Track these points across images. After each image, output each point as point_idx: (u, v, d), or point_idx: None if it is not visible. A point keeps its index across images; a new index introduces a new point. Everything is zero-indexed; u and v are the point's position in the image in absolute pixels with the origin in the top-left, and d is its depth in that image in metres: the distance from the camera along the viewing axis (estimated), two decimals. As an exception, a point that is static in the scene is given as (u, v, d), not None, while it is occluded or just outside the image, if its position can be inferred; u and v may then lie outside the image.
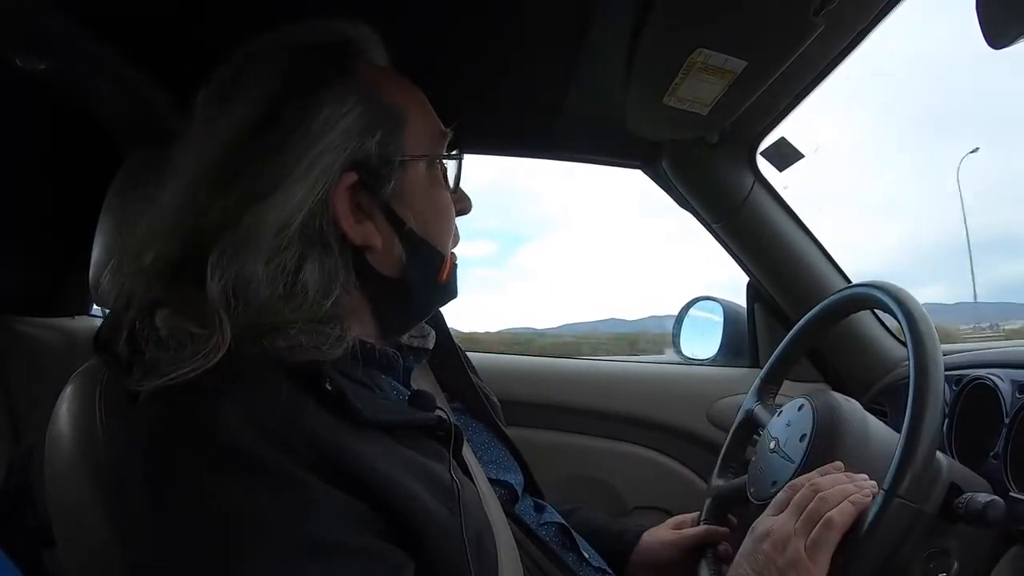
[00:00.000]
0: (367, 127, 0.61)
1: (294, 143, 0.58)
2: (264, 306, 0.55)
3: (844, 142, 7.44)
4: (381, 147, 0.62)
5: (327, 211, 0.59)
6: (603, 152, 1.38)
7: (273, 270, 0.56)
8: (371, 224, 0.62)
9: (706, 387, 1.43)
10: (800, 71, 0.98)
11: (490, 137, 1.31)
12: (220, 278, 0.55)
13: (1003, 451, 0.83)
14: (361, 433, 0.54)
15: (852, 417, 0.78)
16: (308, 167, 0.57)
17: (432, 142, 0.68)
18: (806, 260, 1.32)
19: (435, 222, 0.67)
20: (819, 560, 0.63)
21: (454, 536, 0.55)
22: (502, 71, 1.10)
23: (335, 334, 0.57)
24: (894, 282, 0.80)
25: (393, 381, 0.67)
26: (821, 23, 0.78)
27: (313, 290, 0.57)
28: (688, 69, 0.90)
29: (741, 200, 1.29)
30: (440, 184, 0.68)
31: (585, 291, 6.17)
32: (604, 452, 1.41)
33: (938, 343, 0.71)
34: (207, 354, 0.51)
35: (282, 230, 0.56)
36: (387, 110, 0.63)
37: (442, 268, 0.67)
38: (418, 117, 0.67)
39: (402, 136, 0.64)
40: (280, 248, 0.56)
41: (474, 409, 0.83)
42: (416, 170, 0.65)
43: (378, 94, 0.63)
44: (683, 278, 21.57)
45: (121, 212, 0.82)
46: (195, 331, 0.52)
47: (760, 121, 1.17)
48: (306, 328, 0.55)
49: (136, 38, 0.96)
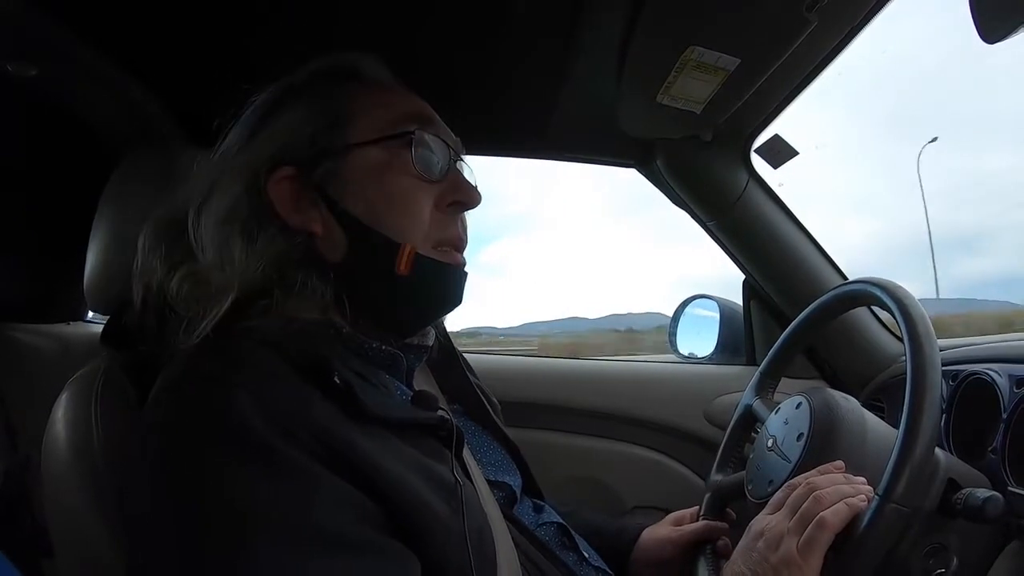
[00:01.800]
0: (301, 123, 0.67)
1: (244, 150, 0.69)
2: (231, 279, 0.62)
3: (808, 139, 7.57)
4: (317, 137, 0.67)
5: (263, 201, 0.65)
6: (597, 151, 1.38)
7: (222, 251, 0.63)
8: (315, 211, 0.66)
9: (703, 386, 1.43)
10: (793, 68, 0.98)
11: (483, 137, 1.30)
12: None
13: (1001, 446, 0.83)
14: (366, 429, 0.55)
15: (849, 416, 0.77)
16: (241, 165, 0.66)
17: (389, 127, 0.67)
18: (801, 257, 1.32)
19: (387, 209, 0.66)
20: (810, 560, 0.63)
21: (455, 534, 0.56)
22: (494, 71, 1.10)
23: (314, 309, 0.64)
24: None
25: (396, 381, 0.68)
26: (814, 19, 0.78)
27: (259, 267, 0.63)
28: (681, 67, 0.90)
29: (736, 198, 1.29)
30: (401, 170, 0.67)
31: (547, 291, 6.15)
32: (602, 452, 1.42)
33: (935, 340, 0.71)
34: (217, 306, 0.59)
35: (225, 211, 0.64)
36: (331, 105, 0.68)
37: (397, 258, 0.65)
38: (375, 111, 0.68)
39: (346, 126, 0.67)
40: (227, 233, 0.64)
41: (473, 411, 0.83)
42: (362, 156, 0.66)
43: (330, 101, 0.69)
44: (643, 279, 21.68)
45: (114, 218, 0.82)
46: (211, 276, 0.61)
47: (754, 119, 1.17)
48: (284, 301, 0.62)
49: (128, 46, 0.95)
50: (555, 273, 17.67)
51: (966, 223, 21.77)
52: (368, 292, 0.66)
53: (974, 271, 18.88)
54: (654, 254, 20.66)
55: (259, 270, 0.62)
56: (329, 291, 0.64)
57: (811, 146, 1.28)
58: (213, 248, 0.63)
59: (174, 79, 1.04)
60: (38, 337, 1.34)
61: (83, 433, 0.64)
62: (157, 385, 0.58)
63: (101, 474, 0.62)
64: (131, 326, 0.65)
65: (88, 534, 0.61)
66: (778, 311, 1.40)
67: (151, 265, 0.64)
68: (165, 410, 0.56)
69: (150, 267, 0.64)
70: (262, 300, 0.62)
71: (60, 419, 0.66)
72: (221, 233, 0.63)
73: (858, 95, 11.92)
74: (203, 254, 0.63)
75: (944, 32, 10.07)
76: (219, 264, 0.62)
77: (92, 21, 0.89)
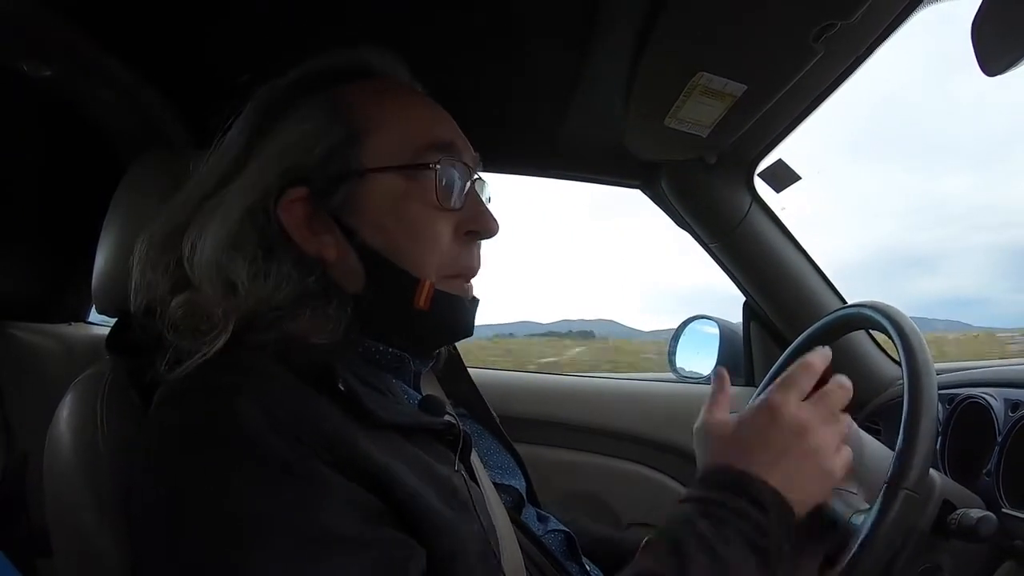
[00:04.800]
0: (313, 135, 0.62)
1: (249, 163, 0.63)
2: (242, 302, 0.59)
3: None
4: (329, 159, 0.62)
5: (271, 223, 0.62)
6: (602, 171, 1.39)
7: (225, 282, 0.59)
8: (329, 237, 0.63)
9: (701, 405, 1.43)
10: (798, 96, 1.00)
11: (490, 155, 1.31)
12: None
13: (996, 468, 0.84)
14: (373, 434, 0.55)
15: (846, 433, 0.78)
16: (247, 182, 0.62)
17: (410, 154, 0.64)
18: (802, 280, 1.34)
19: (405, 239, 0.63)
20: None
21: (462, 539, 0.55)
22: (503, 90, 1.12)
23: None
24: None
25: (403, 384, 0.67)
26: (820, 49, 0.79)
27: (271, 301, 0.59)
28: (689, 92, 0.92)
29: (738, 220, 1.30)
30: (421, 199, 0.63)
31: (501, 294, 6.21)
32: (599, 469, 1.42)
33: (932, 363, 0.72)
34: (217, 335, 0.56)
35: (229, 237, 0.60)
36: (345, 123, 0.63)
37: (416, 292, 0.62)
38: (393, 129, 0.64)
39: (360, 148, 0.63)
40: (231, 260, 0.59)
41: (479, 415, 0.83)
42: (380, 183, 0.63)
43: (343, 109, 0.64)
44: (595, 284, 21.67)
45: (125, 220, 0.82)
46: (210, 310, 0.57)
47: (758, 143, 1.19)
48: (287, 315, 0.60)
49: (141, 49, 0.97)
50: (509, 277, 17.47)
51: (921, 243, 22.06)
52: (383, 321, 0.64)
53: (926, 290, 18.97)
54: (614, 261, 20.92)
55: (270, 304, 0.59)
56: (344, 320, 0.61)
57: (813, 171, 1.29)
58: (215, 277, 0.59)
59: (186, 83, 1.05)
60: (40, 337, 1.33)
61: (88, 434, 0.63)
62: (162, 393, 0.57)
63: (105, 475, 0.61)
64: (134, 338, 0.62)
65: (90, 535, 0.60)
66: (777, 333, 1.41)
67: (153, 279, 0.62)
68: (169, 420, 0.55)
69: (152, 281, 0.62)
70: (271, 314, 0.59)
71: (65, 419, 0.65)
72: (224, 260, 0.59)
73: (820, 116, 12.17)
74: (202, 283, 0.59)
75: (908, 56, 10.24)
76: (220, 297, 0.58)
77: (105, 22, 0.90)
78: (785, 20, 0.76)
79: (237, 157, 0.64)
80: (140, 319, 0.61)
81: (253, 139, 0.65)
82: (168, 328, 0.57)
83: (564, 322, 4.31)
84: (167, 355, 0.56)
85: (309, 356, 0.57)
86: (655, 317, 17.49)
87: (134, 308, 0.63)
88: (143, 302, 0.62)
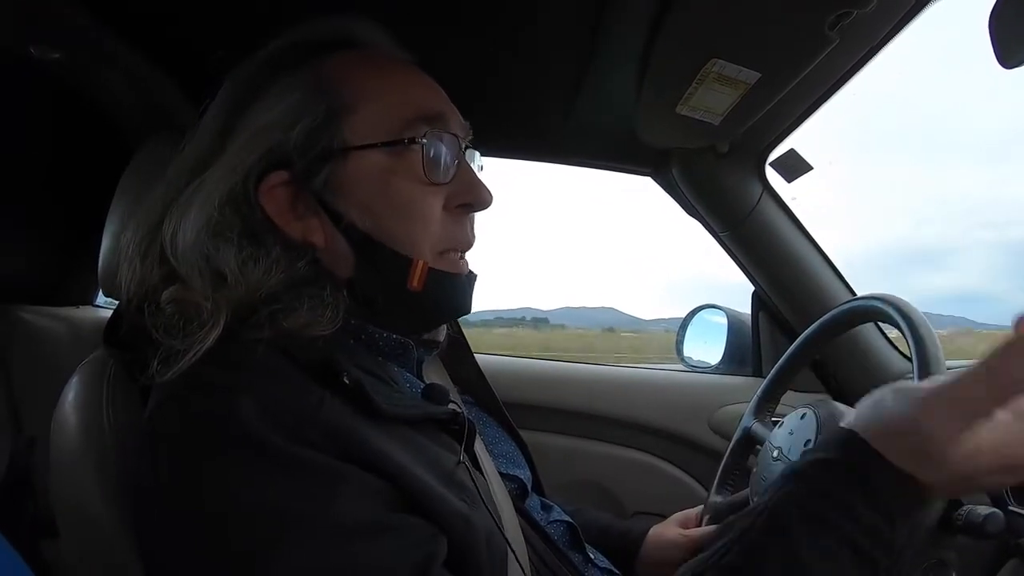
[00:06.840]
0: (293, 112, 0.60)
1: (227, 145, 0.60)
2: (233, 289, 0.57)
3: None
4: (309, 139, 0.59)
5: (253, 209, 0.59)
6: (613, 158, 1.39)
7: (212, 275, 0.57)
8: (315, 220, 0.61)
9: (708, 395, 1.44)
10: (812, 85, 0.99)
11: (500, 141, 1.31)
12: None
13: (1004, 466, 0.83)
14: (376, 425, 0.54)
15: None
16: (226, 166, 0.59)
17: (396, 128, 0.61)
18: (811, 271, 1.33)
19: (393, 218, 0.61)
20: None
21: (467, 528, 0.54)
22: (514, 75, 1.11)
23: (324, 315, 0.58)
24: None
25: (406, 373, 0.67)
26: (836, 38, 0.78)
27: (261, 292, 0.57)
28: (702, 79, 0.90)
29: (749, 210, 1.29)
30: (407, 176, 0.61)
31: (503, 281, 6.13)
32: (605, 457, 1.42)
33: (943, 356, 0.72)
34: (208, 330, 0.53)
35: (210, 225, 0.57)
36: (325, 99, 0.60)
37: (410, 273, 0.61)
38: (376, 103, 0.61)
39: (342, 124, 0.60)
40: (215, 251, 0.57)
41: (484, 402, 0.82)
42: (364, 161, 0.60)
43: (323, 84, 0.61)
44: (596, 273, 21.71)
45: (132, 204, 0.82)
46: (200, 302, 0.55)
47: (770, 132, 1.18)
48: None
49: (149, 33, 0.96)
50: (511, 264, 17.40)
51: (928, 238, 21.95)
52: (378, 303, 0.63)
53: (932, 286, 18.77)
54: (619, 250, 20.91)
55: (261, 294, 0.57)
56: (342, 306, 0.59)
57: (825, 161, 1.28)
58: (204, 267, 0.57)
59: (194, 67, 1.04)
60: (47, 319, 1.34)
61: (94, 416, 0.63)
62: (161, 392, 0.55)
63: (110, 458, 0.61)
64: (128, 334, 0.61)
65: (95, 517, 0.60)
66: (786, 324, 1.41)
67: (143, 272, 0.59)
68: (170, 421, 0.53)
69: (142, 275, 0.59)
70: (266, 307, 0.56)
71: (70, 402, 0.65)
72: (210, 248, 0.57)
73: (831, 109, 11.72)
74: (190, 276, 0.57)
75: (915, 51, 9.95)
76: (208, 292, 0.56)
77: (114, 5, 0.90)
78: (801, 7, 0.75)
79: (214, 140, 0.62)
80: (131, 316, 0.59)
81: (231, 119, 0.62)
82: (157, 328, 0.55)
83: (565, 309, 4.30)
84: (159, 353, 0.54)
85: (310, 349, 0.55)
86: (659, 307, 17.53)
87: (125, 302, 0.61)
88: (135, 296, 0.60)
